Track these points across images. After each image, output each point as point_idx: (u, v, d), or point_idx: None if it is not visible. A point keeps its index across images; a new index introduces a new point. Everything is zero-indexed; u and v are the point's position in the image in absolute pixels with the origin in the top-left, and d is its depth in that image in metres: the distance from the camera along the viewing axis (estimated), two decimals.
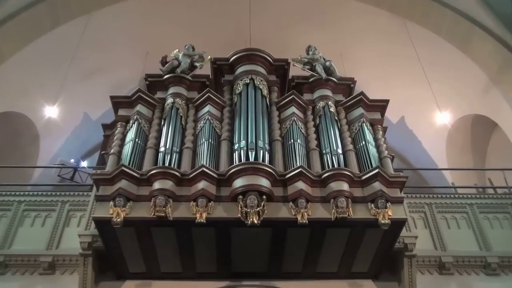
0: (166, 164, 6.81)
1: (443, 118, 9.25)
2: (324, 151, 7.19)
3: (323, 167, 7.02)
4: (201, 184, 6.59)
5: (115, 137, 7.32)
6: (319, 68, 8.26)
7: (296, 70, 8.43)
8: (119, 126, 7.51)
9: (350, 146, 7.37)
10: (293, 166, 6.82)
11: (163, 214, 6.35)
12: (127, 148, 6.99)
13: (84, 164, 9.62)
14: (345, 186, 6.72)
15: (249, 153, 6.79)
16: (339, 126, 7.84)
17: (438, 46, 9.18)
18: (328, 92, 8.19)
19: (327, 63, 8.02)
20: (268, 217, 6.40)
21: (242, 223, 6.33)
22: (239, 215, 6.37)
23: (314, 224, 6.52)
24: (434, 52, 9.21)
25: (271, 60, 7.96)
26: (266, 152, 6.94)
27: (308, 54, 8.19)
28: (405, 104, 10.39)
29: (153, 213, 6.34)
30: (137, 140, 7.12)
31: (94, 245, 7.10)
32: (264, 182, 6.61)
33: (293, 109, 7.65)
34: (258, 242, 6.78)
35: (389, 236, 6.72)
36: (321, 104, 8.01)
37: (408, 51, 9.38)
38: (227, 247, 6.83)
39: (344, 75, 8.71)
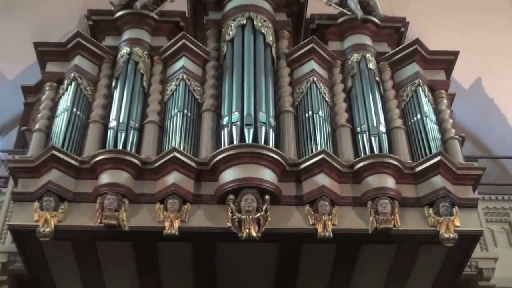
0: (120, 147, 6.86)
1: None
2: (358, 129, 7.27)
3: (356, 153, 7.09)
4: (172, 178, 6.61)
5: (42, 106, 7.33)
6: (352, 3, 8.19)
7: (317, 6, 8.39)
8: (47, 89, 7.50)
9: (398, 122, 7.43)
10: (312, 152, 6.89)
11: (114, 222, 6.39)
12: (60, 122, 7.01)
13: None
14: (389, 182, 6.75)
15: (245, 131, 6.83)
16: (381, 91, 7.83)
17: None
18: (366, 40, 8.17)
19: None
20: (274, 228, 6.46)
21: (234, 237, 6.36)
22: (229, 224, 6.40)
23: (342, 239, 6.58)
24: None
25: None
26: (271, 130, 6.98)
27: None
28: (483, 61, 10.29)
29: (99, 220, 6.39)
30: (75, 110, 7.16)
31: (10, 267, 7.19)
32: (268, 175, 6.62)
33: (312, 64, 7.69)
34: (257, 265, 6.89)
35: (456, 257, 6.77)
36: (355, 57, 7.98)
37: None
38: (210, 271, 6.91)
39: (391, 14, 8.72)
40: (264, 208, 6.46)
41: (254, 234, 6.34)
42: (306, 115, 7.39)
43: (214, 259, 6.89)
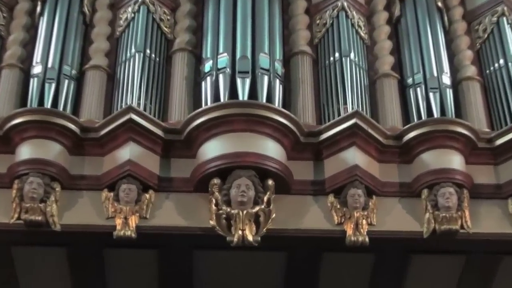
0: (48, 105, 6.97)
1: None
2: (410, 81, 7.42)
3: (406, 117, 7.25)
4: (127, 152, 6.68)
5: None
6: None
7: None
8: None
9: (471, 70, 7.57)
10: (338, 114, 6.97)
11: (39, 218, 6.42)
12: None
13: None
14: (455, 162, 6.84)
15: (238, 82, 6.90)
16: (445, 23, 7.87)
17: None
18: None
19: None
20: (280, 229, 6.53)
21: (220, 242, 6.39)
22: (213, 222, 6.43)
23: (384, 246, 6.69)
24: None
25: None
26: (277, 81, 7.07)
27: None
28: None
29: (17, 216, 6.45)
30: None
31: None
32: (271, 149, 6.68)
33: None
34: (254, 284, 6.96)
35: None
36: None
37: None
38: None
39: None
40: (265, 199, 6.48)
41: (250, 238, 6.33)
42: (331, 58, 7.43)
43: (191, 275, 6.94)
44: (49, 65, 7.15)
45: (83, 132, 6.78)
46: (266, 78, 6.94)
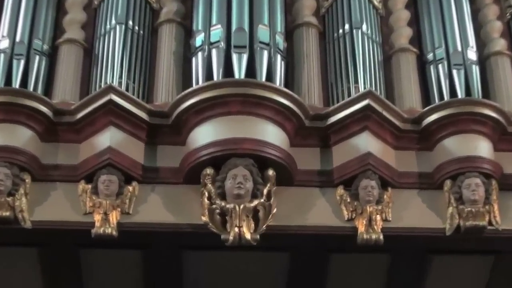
0: (16, 85, 7.01)
1: None
2: (430, 56, 7.45)
3: (426, 98, 7.28)
4: (107, 138, 6.70)
5: None
6: None
7: None
8: None
9: (500, 44, 7.60)
10: (349, 94, 6.99)
11: (7, 214, 6.45)
12: None
13: None
14: (482, 148, 6.87)
15: (234, 57, 6.91)
16: None
17: None
18: None
19: None
20: (282, 226, 6.55)
21: (214, 241, 6.41)
22: (205, 218, 6.45)
23: (401, 245, 6.72)
24: None
25: None
26: (279, 57, 7.08)
27: None
28: None
29: None
30: None
31: None
32: (272, 135, 6.71)
33: None
34: (254, 287, 7.06)
35: None
36: None
37: None
38: None
39: None
40: (265, 191, 6.49)
41: (248, 236, 6.32)
42: (340, 31, 7.44)
43: (181, 279, 6.98)
44: (17, 39, 7.16)
45: (56, 115, 6.77)
46: (265, 53, 6.91)
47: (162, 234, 6.59)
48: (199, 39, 7.07)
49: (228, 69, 6.80)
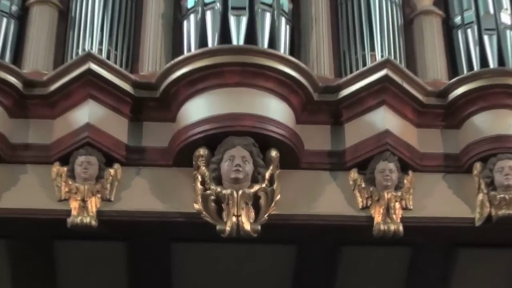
0: None
1: None
2: (457, 20, 7.46)
3: (453, 68, 7.28)
4: (85, 113, 6.71)
5: None
6: None
7: None
8: None
9: None
10: (363, 64, 7.02)
11: None
12: None
13: None
14: None
15: (232, 20, 6.94)
16: None
17: None
18: None
19: None
20: (286, 215, 6.59)
21: (208, 232, 6.42)
22: (198, 206, 6.44)
23: (424, 237, 6.72)
24: None
25: None
26: (283, 20, 7.11)
27: None
28: None
29: None
30: None
31: None
32: (275, 110, 6.74)
33: None
34: (255, 285, 7.09)
35: None
36: None
37: None
38: None
39: None
40: (267, 175, 6.48)
41: (247, 227, 6.32)
42: None
43: (169, 275, 7.00)
44: None
45: (27, 87, 6.77)
46: (268, 16, 6.91)
47: (148, 224, 6.59)
48: (191, 0, 7.02)
49: (224, 34, 6.81)
